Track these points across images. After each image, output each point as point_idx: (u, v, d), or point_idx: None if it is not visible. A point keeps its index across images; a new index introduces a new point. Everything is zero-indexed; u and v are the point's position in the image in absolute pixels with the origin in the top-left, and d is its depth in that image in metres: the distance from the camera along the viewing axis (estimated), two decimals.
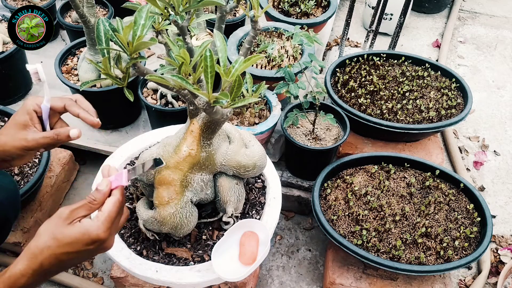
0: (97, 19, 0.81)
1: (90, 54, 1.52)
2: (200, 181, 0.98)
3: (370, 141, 1.61)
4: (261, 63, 1.60)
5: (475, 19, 2.65)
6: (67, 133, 0.79)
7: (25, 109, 0.80)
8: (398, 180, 1.40)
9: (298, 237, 1.57)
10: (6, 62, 1.65)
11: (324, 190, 1.37)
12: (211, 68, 0.69)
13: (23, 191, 1.29)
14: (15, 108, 1.58)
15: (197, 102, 0.75)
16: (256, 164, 1.02)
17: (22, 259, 0.65)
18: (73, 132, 0.80)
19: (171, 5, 0.75)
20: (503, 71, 2.29)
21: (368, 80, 1.64)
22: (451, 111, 1.55)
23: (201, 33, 1.72)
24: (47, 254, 0.64)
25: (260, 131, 1.40)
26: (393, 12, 2.29)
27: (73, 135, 0.79)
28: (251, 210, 1.12)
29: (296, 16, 1.91)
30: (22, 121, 0.79)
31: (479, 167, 1.82)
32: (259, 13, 0.80)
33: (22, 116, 0.79)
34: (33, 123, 0.80)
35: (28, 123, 0.79)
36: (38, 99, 0.81)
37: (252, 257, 0.99)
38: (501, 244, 1.56)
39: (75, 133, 0.80)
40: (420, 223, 1.27)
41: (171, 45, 0.82)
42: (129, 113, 1.73)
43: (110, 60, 0.74)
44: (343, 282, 1.28)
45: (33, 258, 0.64)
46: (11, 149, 0.77)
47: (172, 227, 0.97)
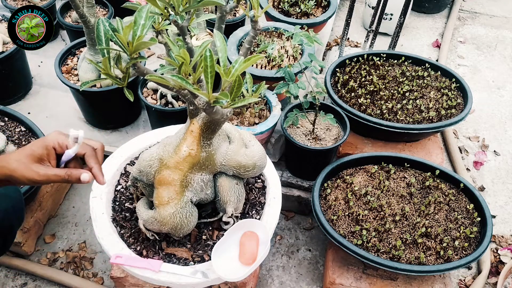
0: (97, 19, 0.81)
1: (90, 54, 1.52)
2: (200, 181, 0.98)
3: (370, 141, 1.61)
4: (261, 63, 1.60)
5: (475, 19, 2.65)
6: (78, 176, 0.79)
7: (45, 144, 0.79)
8: (398, 180, 1.40)
9: (298, 237, 1.57)
10: (6, 62, 1.65)
11: (324, 190, 1.37)
12: (211, 68, 0.69)
13: (23, 191, 1.29)
14: (15, 108, 1.58)
15: (197, 102, 0.76)
16: (256, 164, 1.02)
17: None
18: (84, 176, 0.79)
19: (171, 5, 0.75)
20: (503, 71, 2.29)
21: (368, 80, 1.64)
22: (451, 111, 1.55)
23: (201, 33, 1.72)
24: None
25: (260, 131, 1.40)
26: (393, 12, 2.29)
27: (84, 180, 0.79)
28: (251, 210, 1.12)
29: (296, 16, 1.91)
30: (38, 154, 0.78)
31: (479, 167, 1.82)
32: (259, 13, 0.80)
33: (40, 149, 0.78)
34: (49, 159, 0.79)
35: (44, 157, 0.79)
36: (60, 138, 0.80)
37: (252, 257, 0.99)
38: (501, 244, 1.56)
39: (86, 178, 0.79)
40: (420, 223, 1.27)
41: (171, 45, 0.82)
42: (129, 113, 1.73)
43: (110, 60, 0.75)
44: (343, 282, 1.28)
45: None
46: (20, 178, 0.77)
47: (172, 227, 0.97)
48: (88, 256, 1.47)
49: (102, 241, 1.02)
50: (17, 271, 1.42)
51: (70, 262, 1.44)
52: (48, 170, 0.77)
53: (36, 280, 1.41)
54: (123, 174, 1.19)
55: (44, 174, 0.77)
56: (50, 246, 1.49)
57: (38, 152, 0.78)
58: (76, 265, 1.44)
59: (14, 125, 1.49)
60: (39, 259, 1.45)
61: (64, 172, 0.78)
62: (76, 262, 1.44)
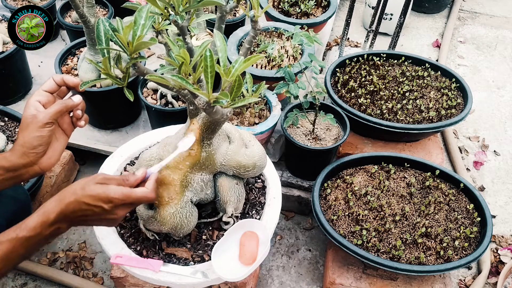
0: (97, 19, 0.81)
1: (90, 54, 1.52)
2: (200, 181, 0.98)
3: (370, 141, 1.61)
4: (261, 63, 1.60)
5: (475, 19, 2.65)
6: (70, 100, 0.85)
7: (28, 104, 0.82)
8: (398, 180, 1.40)
9: (298, 237, 1.57)
10: (6, 62, 1.65)
11: (324, 190, 1.37)
12: (211, 68, 0.69)
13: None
14: (15, 108, 1.58)
15: (197, 102, 0.75)
16: (256, 164, 1.02)
17: (53, 199, 0.77)
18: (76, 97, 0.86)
19: (171, 5, 0.75)
20: (503, 71, 2.29)
21: (368, 80, 1.64)
22: (451, 111, 1.55)
23: (201, 33, 1.72)
24: (72, 198, 0.76)
25: (260, 131, 1.40)
26: (393, 12, 2.29)
27: (77, 100, 0.85)
28: (251, 210, 1.12)
29: (296, 16, 1.91)
30: (30, 112, 0.81)
31: (479, 167, 1.82)
32: (259, 13, 0.80)
33: (27, 111, 0.81)
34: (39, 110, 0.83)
35: (35, 112, 0.81)
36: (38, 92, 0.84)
37: (252, 257, 0.99)
38: (501, 244, 1.56)
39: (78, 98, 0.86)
40: (420, 223, 1.27)
41: (171, 45, 0.82)
42: (129, 113, 1.73)
43: (110, 60, 0.75)
44: (343, 282, 1.28)
45: (62, 199, 0.76)
46: (29, 139, 0.80)
47: (172, 227, 0.97)
48: (88, 256, 1.47)
49: (102, 241, 1.02)
50: (17, 271, 1.42)
51: (70, 262, 1.44)
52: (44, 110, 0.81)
53: (36, 280, 1.41)
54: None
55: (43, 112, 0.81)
56: (50, 246, 1.49)
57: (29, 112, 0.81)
58: (76, 265, 1.44)
59: (14, 125, 1.49)
60: (39, 259, 1.45)
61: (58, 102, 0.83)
62: (76, 262, 1.44)
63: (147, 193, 0.80)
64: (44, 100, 0.83)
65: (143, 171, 0.83)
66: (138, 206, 0.83)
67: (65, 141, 0.89)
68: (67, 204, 0.76)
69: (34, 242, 0.76)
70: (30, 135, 0.80)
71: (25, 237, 0.75)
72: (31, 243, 0.76)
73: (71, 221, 0.78)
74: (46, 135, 0.82)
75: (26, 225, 0.75)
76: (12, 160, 0.82)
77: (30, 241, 0.75)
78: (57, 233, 0.78)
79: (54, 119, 0.82)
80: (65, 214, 0.76)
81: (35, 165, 0.84)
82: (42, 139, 0.81)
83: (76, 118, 0.88)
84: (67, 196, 0.77)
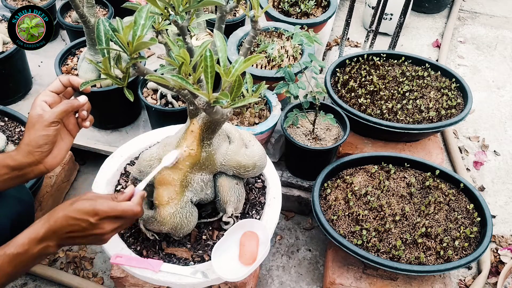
0: (97, 19, 0.81)
1: (90, 54, 1.52)
2: (200, 181, 0.98)
3: (370, 141, 1.61)
4: (261, 63, 1.60)
5: (475, 19, 2.65)
6: (76, 100, 0.86)
7: (35, 104, 0.83)
8: (398, 180, 1.40)
9: (298, 237, 1.57)
10: (6, 62, 1.65)
11: (324, 190, 1.37)
12: (211, 68, 0.69)
13: None
14: (15, 108, 1.58)
15: (197, 102, 0.75)
16: (256, 164, 1.02)
17: (43, 217, 0.78)
18: (82, 98, 0.87)
19: (171, 5, 0.75)
20: (503, 71, 2.29)
21: (368, 80, 1.64)
22: (451, 111, 1.55)
23: (201, 33, 1.72)
24: (61, 214, 0.77)
25: (260, 131, 1.40)
26: (393, 12, 2.29)
27: (82, 100, 0.87)
28: (251, 210, 1.12)
29: (296, 16, 1.91)
30: (36, 112, 0.82)
31: (479, 167, 1.82)
32: (259, 13, 0.80)
33: (33, 110, 0.83)
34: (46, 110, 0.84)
35: (41, 112, 0.82)
36: (45, 92, 0.85)
37: (252, 257, 0.99)
38: (501, 244, 1.56)
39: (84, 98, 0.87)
40: (420, 223, 1.27)
41: (171, 45, 0.82)
42: (129, 113, 1.73)
43: (110, 60, 0.75)
44: (343, 282, 1.28)
45: (51, 215, 0.77)
46: (35, 137, 0.81)
47: (172, 227, 0.97)
48: (88, 256, 1.47)
49: None
50: None
51: (70, 262, 1.44)
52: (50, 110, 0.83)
53: (36, 280, 1.41)
54: (123, 174, 1.19)
55: (49, 111, 0.82)
56: None
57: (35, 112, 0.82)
58: (76, 265, 1.44)
59: (14, 125, 1.49)
60: None
61: (63, 102, 0.84)
62: (76, 262, 1.44)
63: (132, 206, 0.81)
64: (50, 100, 0.84)
65: (132, 189, 0.84)
66: (125, 226, 0.83)
67: (70, 141, 0.90)
68: (55, 219, 0.77)
69: (21, 260, 0.76)
70: (36, 134, 0.81)
71: (13, 254, 0.75)
72: (18, 261, 0.75)
73: (60, 238, 0.78)
74: (52, 134, 0.83)
75: (15, 242, 0.76)
76: (17, 159, 0.82)
77: (18, 258, 0.75)
78: (45, 252, 0.78)
79: (60, 119, 0.83)
80: (53, 231, 0.76)
81: (40, 164, 0.84)
82: (47, 138, 0.82)
83: (82, 118, 0.89)
84: (56, 212, 0.78)
